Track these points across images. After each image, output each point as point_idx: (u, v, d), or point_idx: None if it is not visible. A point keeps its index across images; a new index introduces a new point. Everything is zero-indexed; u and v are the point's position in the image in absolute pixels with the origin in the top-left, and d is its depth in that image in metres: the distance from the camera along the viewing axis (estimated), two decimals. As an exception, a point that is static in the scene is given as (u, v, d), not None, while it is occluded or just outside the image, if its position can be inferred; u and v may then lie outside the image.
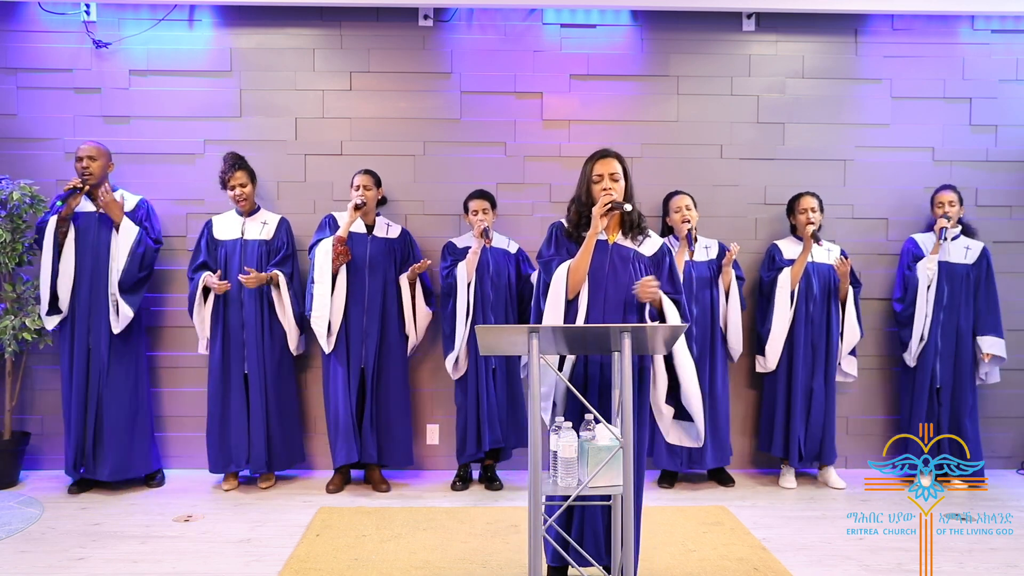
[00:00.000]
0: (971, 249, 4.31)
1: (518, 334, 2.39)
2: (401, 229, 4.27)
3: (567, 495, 2.38)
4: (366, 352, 4.09)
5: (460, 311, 4.07)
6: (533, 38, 4.52)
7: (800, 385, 4.20)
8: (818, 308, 4.22)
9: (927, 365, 4.27)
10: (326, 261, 3.98)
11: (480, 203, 4.14)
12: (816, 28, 4.56)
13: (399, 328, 4.18)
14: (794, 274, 4.19)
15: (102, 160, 4.03)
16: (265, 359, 4.09)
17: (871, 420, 4.60)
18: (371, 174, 4.17)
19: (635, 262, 2.77)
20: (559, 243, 2.82)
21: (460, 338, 4.07)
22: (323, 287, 3.98)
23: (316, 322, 3.99)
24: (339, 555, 3.21)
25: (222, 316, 4.08)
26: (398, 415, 4.16)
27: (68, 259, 3.96)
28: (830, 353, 4.23)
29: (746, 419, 4.54)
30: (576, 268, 2.71)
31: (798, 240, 4.32)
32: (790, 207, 4.37)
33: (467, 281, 4.07)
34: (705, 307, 4.18)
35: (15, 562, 3.13)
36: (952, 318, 4.26)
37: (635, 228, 2.81)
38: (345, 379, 4.05)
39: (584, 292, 2.72)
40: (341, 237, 4.00)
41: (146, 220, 4.16)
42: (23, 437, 4.25)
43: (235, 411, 4.07)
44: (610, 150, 2.81)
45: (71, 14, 4.40)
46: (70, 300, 3.98)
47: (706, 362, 4.16)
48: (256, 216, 4.20)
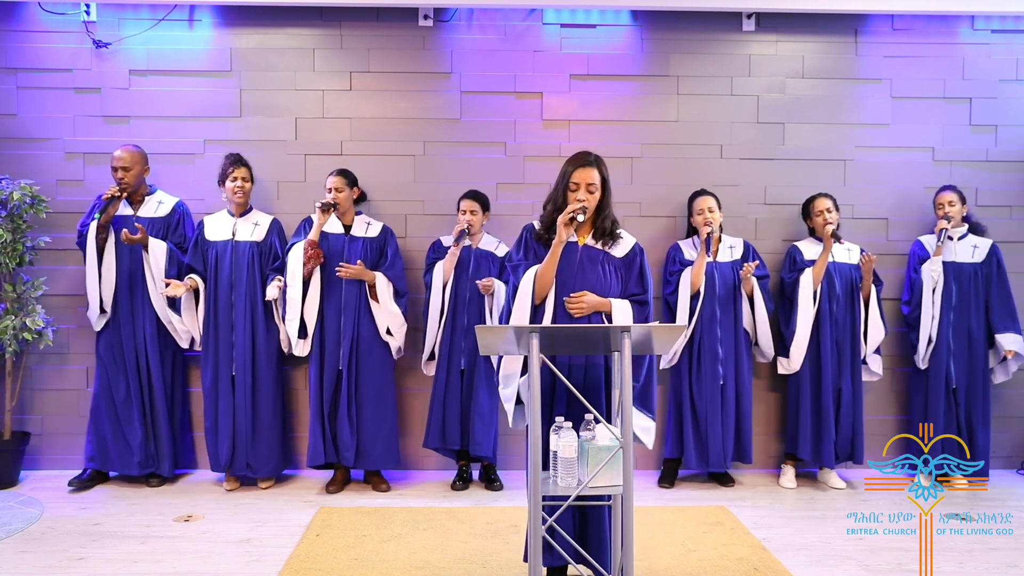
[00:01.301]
0: (979, 247, 4.30)
1: (518, 334, 2.39)
2: (382, 227, 4.23)
3: (567, 495, 2.38)
4: (342, 353, 4.07)
5: (433, 310, 4.12)
6: (533, 38, 4.52)
7: (828, 385, 4.19)
8: (841, 308, 4.22)
9: (941, 366, 4.25)
10: (297, 266, 3.97)
11: (469, 203, 4.14)
12: (816, 28, 4.56)
13: (376, 328, 4.12)
14: (816, 274, 4.18)
15: (136, 168, 4.08)
16: (255, 361, 4.09)
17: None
18: (343, 174, 4.13)
19: (605, 264, 2.77)
20: (528, 247, 2.82)
21: (431, 337, 4.15)
22: (294, 291, 3.99)
23: (288, 324, 4.01)
24: (339, 555, 3.21)
25: (212, 318, 4.08)
26: (380, 416, 4.11)
27: (109, 264, 4.06)
28: (855, 352, 4.23)
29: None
30: (542, 274, 2.70)
31: (817, 241, 4.31)
32: (805, 210, 4.36)
33: (443, 281, 4.10)
34: (729, 307, 4.18)
35: (15, 562, 3.13)
36: (963, 318, 4.25)
37: (607, 235, 2.78)
38: (318, 381, 4.06)
39: (551, 295, 2.72)
40: (312, 240, 3.98)
41: (179, 226, 4.21)
42: (23, 437, 4.25)
43: (223, 412, 4.07)
44: (591, 157, 2.73)
45: (71, 14, 4.40)
46: (112, 303, 4.08)
47: (731, 363, 4.17)
48: (248, 217, 4.20)
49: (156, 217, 4.16)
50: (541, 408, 2.58)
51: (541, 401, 2.60)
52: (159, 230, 4.15)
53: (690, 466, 4.23)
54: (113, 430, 4.10)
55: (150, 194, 4.19)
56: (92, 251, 4.01)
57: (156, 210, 4.17)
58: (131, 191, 4.07)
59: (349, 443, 4.05)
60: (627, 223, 4.35)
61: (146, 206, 4.16)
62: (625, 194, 4.46)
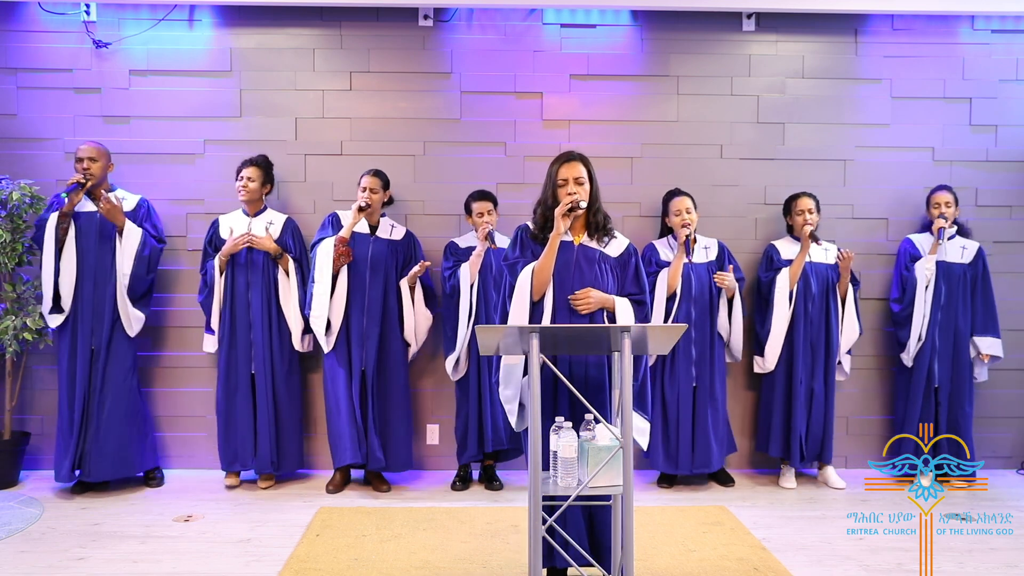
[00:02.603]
0: (967, 249, 4.32)
1: (518, 334, 2.39)
2: (406, 231, 4.26)
3: (567, 495, 2.38)
4: (366, 354, 4.08)
5: (463, 313, 4.07)
6: (533, 38, 4.52)
7: (801, 385, 4.20)
8: (817, 308, 4.22)
9: (923, 365, 4.27)
10: (327, 261, 3.97)
11: (483, 204, 4.13)
12: (816, 28, 4.56)
13: (400, 330, 4.17)
14: (792, 274, 4.19)
15: (102, 161, 4.03)
16: (273, 360, 4.09)
17: (870, 420, 4.59)
18: (379, 176, 4.14)
19: (601, 263, 2.79)
20: (524, 245, 2.83)
21: (461, 340, 4.07)
22: (323, 286, 3.97)
23: (315, 321, 3.98)
24: (339, 555, 3.21)
25: (229, 316, 4.08)
26: (399, 418, 4.15)
27: (69, 257, 3.94)
28: (830, 353, 4.24)
29: (744, 419, 4.54)
30: (540, 269, 2.72)
31: (795, 240, 4.33)
32: (787, 207, 4.36)
33: (470, 283, 4.07)
34: (704, 309, 4.17)
35: (15, 562, 3.13)
36: (950, 318, 4.26)
37: (600, 230, 2.82)
38: (346, 381, 4.04)
39: (549, 293, 2.74)
40: (343, 238, 3.99)
41: (146, 220, 4.16)
42: (23, 437, 4.25)
43: (241, 411, 4.07)
44: (575, 153, 2.82)
45: (71, 14, 4.40)
46: (72, 300, 3.97)
47: (706, 363, 4.16)
48: (262, 216, 4.20)
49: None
50: (543, 408, 2.60)
51: (543, 401, 2.61)
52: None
53: (657, 467, 4.22)
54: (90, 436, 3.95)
55: (111, 191, 4.08)
56: (51, 242, 3.91)
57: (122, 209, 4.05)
58: (95, 184, 3.99)
59: (376, 445, 4.05)
60: (627, 223, 4.42)
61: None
62: (625, 194, 4.47)
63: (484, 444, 4.10)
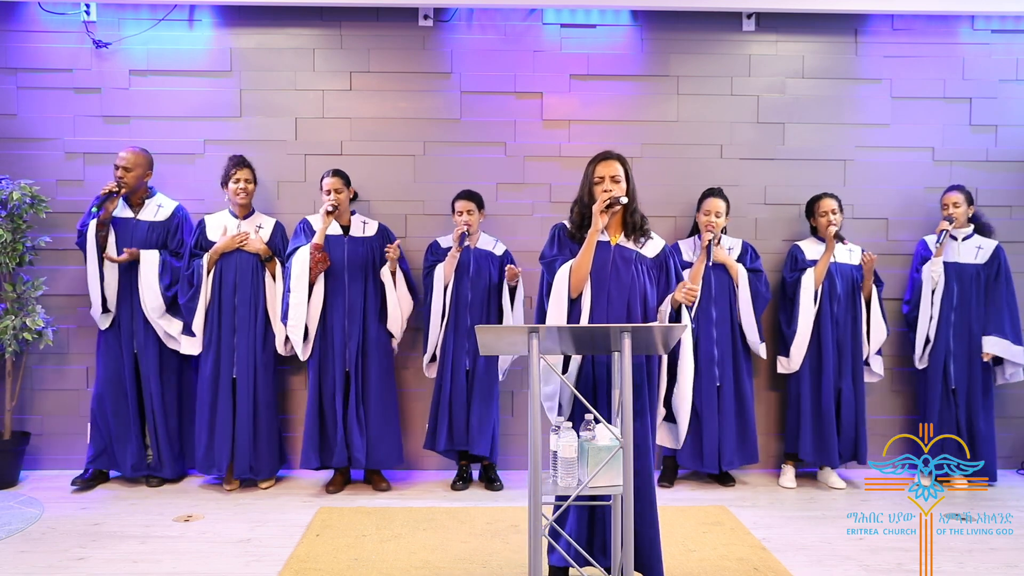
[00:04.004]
0: (983, 248, 4.29)
1: (518, 334, 2.39)
2: (378, 225, 4.23)
3: (567, 495, 2.38)
4: (349, 354, 4.07)
5: (435, 312, 4.11)
6: (533, 38, 4.52)
7: (829, 386, 4.19)
8: (842, 308, 4.22)
9: (939, 366, 4.25)
10: (303, 270, 3.93)
11: (465, 204, 4.13)
12: (816, 28, 4.56)
13: (380, 327, 4.15)
14: (817, 274, 4.19)
15: (138, 170, 4.08)
16: (256, 364, 4.08)
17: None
18: (340, 175, 4.09)
19: (637, 263, 2.80)
20: (561, 243, 2.84)
21: (433, 339, 4.14)
22: (299, 295, 3.94)
23: (292, 331, 3.96)
24: (339, 555, 3.21)
25: (216, 320, 4.07)
26: (384, 415, 4.13)
27: (111, 264, 4.05)
28: (856, 353, 4.24)
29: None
30: (578, 267, 2.72)
31: (819, 241, 4.32)
32: (809, 209, 4.36)
33: (444, 283, 4.08)
34: (725, 308, 4.17)
35: (15, 562, 3.13)
36: (964, 319, 4.25)
37: (637, 230, 2.82)
38: (330, 385, 4.04)
39: (587, 292, 2.74)
40: (318, 244, 3.96)
41: (178, 231, 4.19)
42: (23, 437, 4.25)
43: (221, 416, 4.04)
44: (612, 152, 2.83)
45: (71, 14, 4.40)
46: (116, 304, 4.09)
47: (729, 363, 4.16)
48: (251, 219, 4.19)
49: (155, 221, 4.15)
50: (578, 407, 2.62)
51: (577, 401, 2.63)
52: (158, 234, 4.14)
53: (684, 464, 4.23)
54: (116, 431, 4.09)
55: (150, 197, 4.18)
56: (93, 249, 4.00)
57: (156, 214, 4.16)
58: (130, 192, 4.07)
59: (359, 444, 4.04)
60: (627, 223, 4.41)
61: (146, 209, 4.16)
62: (625, 194, 4.46)
63: (438, 442, 4.12)
